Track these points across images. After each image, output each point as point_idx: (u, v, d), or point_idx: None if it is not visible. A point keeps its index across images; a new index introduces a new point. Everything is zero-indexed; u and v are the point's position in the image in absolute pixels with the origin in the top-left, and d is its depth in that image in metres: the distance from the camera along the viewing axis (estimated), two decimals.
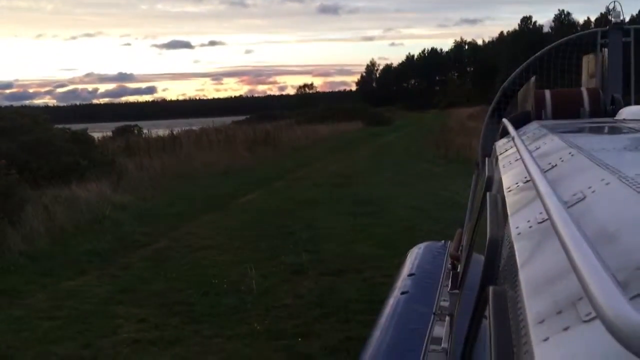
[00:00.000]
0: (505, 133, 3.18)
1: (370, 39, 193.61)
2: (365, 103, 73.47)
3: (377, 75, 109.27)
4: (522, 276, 1.01)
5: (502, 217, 1.57)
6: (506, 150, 2.60)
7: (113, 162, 14.73)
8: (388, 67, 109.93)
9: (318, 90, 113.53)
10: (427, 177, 15.35)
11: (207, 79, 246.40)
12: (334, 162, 19.68)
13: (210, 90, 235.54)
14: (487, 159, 3.25)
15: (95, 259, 8.72)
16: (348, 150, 23.24)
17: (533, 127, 3.47)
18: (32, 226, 9.19)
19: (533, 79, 6.31)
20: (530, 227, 1.21)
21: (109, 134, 24.20)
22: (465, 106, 58.23)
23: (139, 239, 9.78)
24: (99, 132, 22.21)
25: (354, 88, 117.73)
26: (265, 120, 43.06)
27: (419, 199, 12.24)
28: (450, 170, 16.24)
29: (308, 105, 77.06)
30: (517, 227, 1.29)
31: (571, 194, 1.29)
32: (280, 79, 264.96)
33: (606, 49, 6.22)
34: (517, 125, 3.71)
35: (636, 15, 77.66)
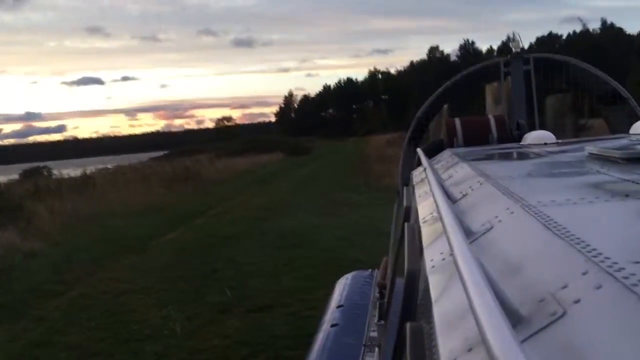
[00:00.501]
0: (420, 162, 3.26)
1: (286, 70, 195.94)
2: (285, 134, 73.95)
3: (296, 106, 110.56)
4: (436, 312, 1.01)
5: (418, 249, 1.57)
6: (421, 180, 2.64)
7: (20, 207, 13.97)
8: (306, 98, 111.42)
9: (237, 122, 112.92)
10: (350, 206, 15.57)
11: (121, 115, 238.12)
12: (256, 195, 19.58)
13: (124, 127, 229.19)
14: (405, 188, 3.29)
15: (5, 313, 8.16)
16: (270, 183, 23.22)
17: (446, 155, 3.57)
18: None
19: (445, 107, 6.71)
20: (443, 259, 1.21)
21: (16, 177, 22.92)
22: (382, 133, 59.73)
23: (53, 288, 9.26)
24: (2, 175, 21.00)
25: (273, 119, 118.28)
26: (184, 155, 42.39)
27: (343, 229, 12.36)
28: (372, 198, 16.55)
29: (227, 138, 76.50)
30: (431, 260, 1.30)
31: (480, 224, 1.32)
32: (198, 113, 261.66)
33: (510, 77, 6.55)
34: (432, 154, 3.84)
35: (534, 42, 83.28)
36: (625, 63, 59.95)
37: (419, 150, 3.48)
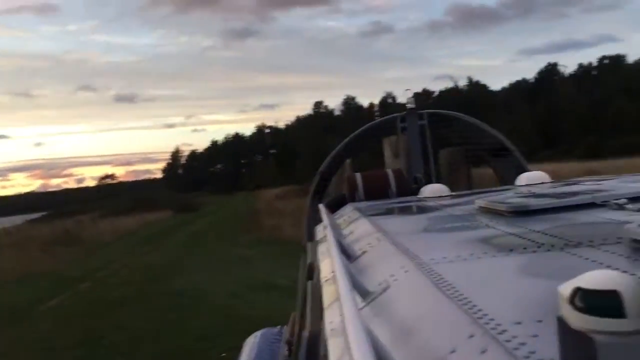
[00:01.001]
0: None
1: (172, 125, 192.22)
2: (173, 190, 72.33)
3: (183, 162, 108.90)
4: None
5: (320, 309, 1.57)
6: (323, 237, 2.66)
7: None
8: (193, 153, 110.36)
9: (121, 180, 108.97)
10: (241, 262, 15.62)
11: None
12: (144, 255, 19.03)
13: None
14: (309, 243, 3.27)
15: None
16: (159, 242, 22.65)
17: (347, 210, 3.67)
18: None
19: (347, 162, 6.81)
20: (340, 322, 1.24)
21: None
22: (272, 187, 60.27)
23: None
24: None
25: (159, 176, 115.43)
26: (64, 216, 40.25)
27: (235, 285, 12.41)
28: (264, 252, 16.75)
29: (111, 196, 73.45)
30: (330, 322, 1.31)
31: (377, 283, 1.36)
32: (77, 171, 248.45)
33: (406, 132, 6.74)
34: (334, 208, 3.98)
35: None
36: (490, 115, 65.84)
37: (320, 206, 3.48)
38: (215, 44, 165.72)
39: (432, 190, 3.61)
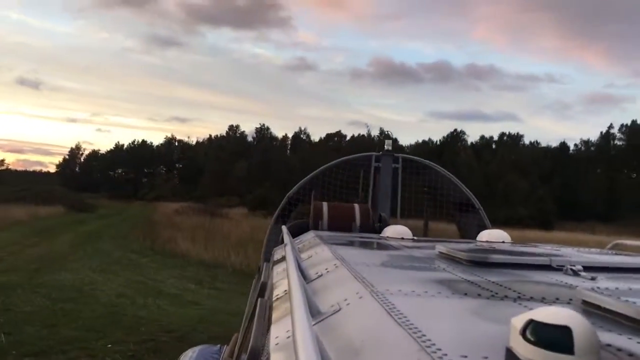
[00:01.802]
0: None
1: (74, 120, 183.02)
2: (66, 188, 69.49)
3: (82, 160, 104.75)
4: None
5: (266, 326, 1.59)
6: (281, 257, 2.63)
7: None
8: (95, 153, 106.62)
9: (9, 167, 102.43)
10: (133, 267, 15.95)
11: None
12: (33, 246, 18.73)
13: None
14: (266, 264, 3.31)
15: None
16: (50, 235, 22.21)
17: (309, 236, 3.67)
18: None
19: (313, 192, 6.65)
20: (287, 338, 1.21)
21: None
22: (171, 201, 59.56)
23: None
24: None
25: (51, 169, 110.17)
26: None
27: (125, 287, 12.81)
28: (157, 261, 17.14)
29: None
30: (276, 337, 1.33)
31: (329, 305, 1.39)
32: None
33: (378, 171, 6.74)
34: (296, 233, 3.93)
35: (324, 137, 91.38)
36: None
37: (283, 227, 3.48)
38: (136, 46, 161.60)
39: (395, 231, 3.62)
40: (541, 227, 43.20)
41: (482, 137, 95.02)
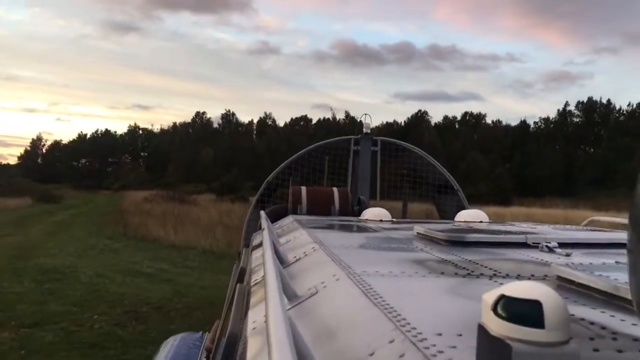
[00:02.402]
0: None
1: (32, 110, 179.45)
2: (29, 179, 69.00)
3: (44, 152, 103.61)
4: None
5: (244, 311, 1.60)
6: (260, 242, 2.63)
7: None
8: (57, 144, 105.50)
9: None
10: (108, 251, 16.91)
11: None
12: (7, 236, 19.46)
13: None
14: (245, 249, 3.33)
15: None
16: (21, 225, 22.89)
17: (288, 220, 3.70)
18: None
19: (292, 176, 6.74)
20: (264, 322, 1.21)
21: None
22: (138, 189, 59.86)
23: None
24: None
25: (10, 161, 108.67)
26: None
27: (104, 269, 13.81)
28: (130, 246, 18.12)
29: None
30: (253, 322, 1.36)
31: (306, 288, 1.42)
32: None
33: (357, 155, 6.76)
34: (275, 218, 3.96)
35: (289, 121, 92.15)
36: None
37: (262, 212, 3.49)
38: (93, 33, 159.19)
39: (374, 213, 3.67)
40: (500, 203, 45.18)
41: (446, 118, 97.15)
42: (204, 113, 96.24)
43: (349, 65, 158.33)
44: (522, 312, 0.69)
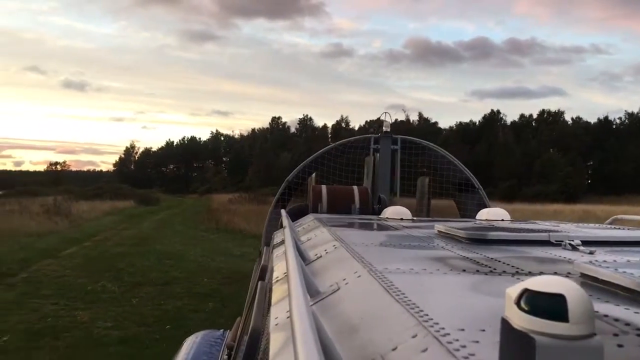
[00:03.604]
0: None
1: (120, 120, 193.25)
2: (124, 185, 76.34)
3: (136, 158, 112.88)
4: None
5: (266, 307, 1.67)
6: (281, 241, 2.69)
7: None
8: (147, 151, 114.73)
9: (64, 168, 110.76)
10: (206, 240, 21.31)
11: None
12: (125, 230, 24.40)
13: None
14: (266, 247, 3.36)
15: None
16: (133, 222, 28.03)
17: (308, 219, 3.74)
18: None
19: (314, 175, 6.84)
20: (286, 318, 1.24)
21: None
22: (221, 193, 65.23)
23: (10, 267, 13.82)
24: None
25: (102, 168, 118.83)
26: (23, 195, 43.58)
27: (205, 252, 18.08)
28: (222, 237, 22.47)
29: (60, 182, 76.82)
30: (276, 318, 1.39)
31: (328, 285, 1.48)
32: (16, 153, 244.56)
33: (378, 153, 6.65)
34: (296, 217, 4.05)
35: (364, 124, 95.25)
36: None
37: (282, 211, 3.54)
38: (174, 43, 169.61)
39: (394, 211, 3.65)
40: (568, 201, 46.64)
41: (522, 116, 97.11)
42: (279, 118, 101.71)
43: (423, 64, 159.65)
44: (546, 305, 0.69)
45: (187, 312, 10.55)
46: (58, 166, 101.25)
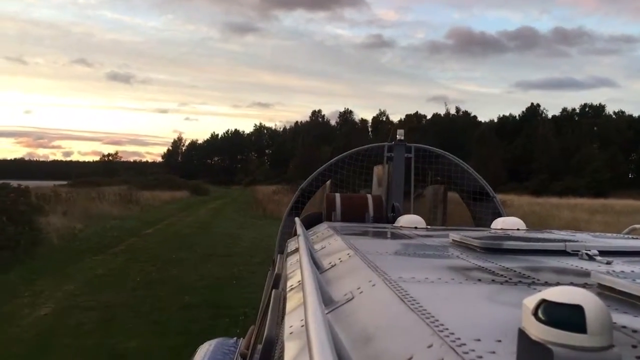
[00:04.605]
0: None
1: (164, 111, 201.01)
2: (172, 176, 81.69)
3: (183, 150, 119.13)
4: None
5: (280, 316, 1.67)
6: (295, 249, 2.74)
7: (41, 207, 22.40)
8: (193, 143, 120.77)
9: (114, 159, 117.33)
10: (256, 225, 25.63)
11: None
12: (186, 216, 29.01)
13: None
14: (279, 255, 3.40)
15: (91, 251, 17.13)
16: (191, 210, 32.73)
17: (322, 227, 3.83)
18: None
19: (328, 182, 7.11)
20: (301, 327, 1.27)
21: None
22: (264, 184, 69.57)
23: (111, 241, 18.33)
24: None
25: (148, 158, 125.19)
26: (87, 185, 48.44)
27: (256, 234, 22.35)
28: (269, 222, 26.69)
29: (113, 173, 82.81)
30: (290, 327, 1.39)
31: (342, 294, 1.49)
32: (65, 144, 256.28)
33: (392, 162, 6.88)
34: (310, 225, 4.19)
35: (404, 118, 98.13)
36: (471, 145, 75.57)
37: (296, 219, 3.60)
38: (216, 35, 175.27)
39: (409, 220, 3.70)
40: (596, 195, 49.07)
41: (564, 110, 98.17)
42: (319, 111, 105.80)
43: (467, 55, 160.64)
44: (564, 316, 0.69)
45: (246, 273, 14.69)
46: (110, 157, 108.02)
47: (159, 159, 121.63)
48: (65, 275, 13.36)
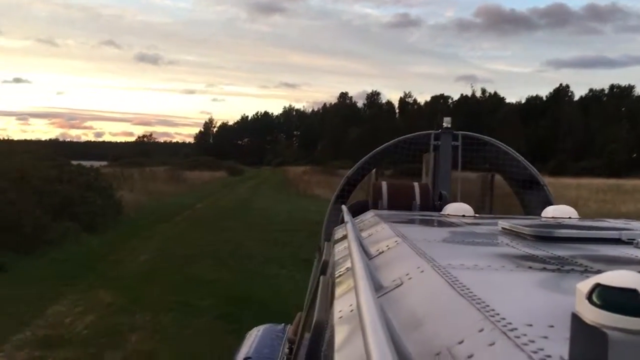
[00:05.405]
0: (344, 219, 3.27)
1: (192, 92, 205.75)
2: (204, 156, 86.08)
3: (214, 132, 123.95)
4: None
5: (329, 302, 1.69)
6: (342, 236, 2.77)
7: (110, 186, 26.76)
8: (224, 125, 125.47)
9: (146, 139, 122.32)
10: (290, 201, 29.83)
11: (12, 118, 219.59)
12: (228, 194, 33.31)
13: (15, 131, 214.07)
14: (326, 243, 3.47)
15: (163, 218, 21.30)
16: (230, 188, 37.10)
17: (369, 215, 3.85)
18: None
19: (374, 171, 7.25)
20: (350, 311, 1.30)
21: None
22: (293, 165, 73.45)
23: (172, 212, 22.58)
24: None
25: (178, 140, 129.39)
26: (129, 165, 52.68)
27: (291, 208, 26.45)
28: (301, 199, 30.95)
29: (148, 153, 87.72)
30: (339, 311, 1.41)
31: (391, 280, 1.50)
32: (97, 125, 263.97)
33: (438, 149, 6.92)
34: (356, 213, 4.17)
35: (429, 100, 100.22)
36: (498, 128, 77.77)
37: (343, 207, 3.64)
38: (243, 15, 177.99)
39: (456, 208, 3.69)
40: (611, 176, 51.77)
41: (591, 90, 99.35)
42: (346, 93, 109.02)
43: (496, 34, 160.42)
44: (619, 300, 0.69)
45: (286, 237, 18.71)
46: (145, 138, 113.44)
47: (189, 140, 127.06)
48: (146, 237, 17.59)
